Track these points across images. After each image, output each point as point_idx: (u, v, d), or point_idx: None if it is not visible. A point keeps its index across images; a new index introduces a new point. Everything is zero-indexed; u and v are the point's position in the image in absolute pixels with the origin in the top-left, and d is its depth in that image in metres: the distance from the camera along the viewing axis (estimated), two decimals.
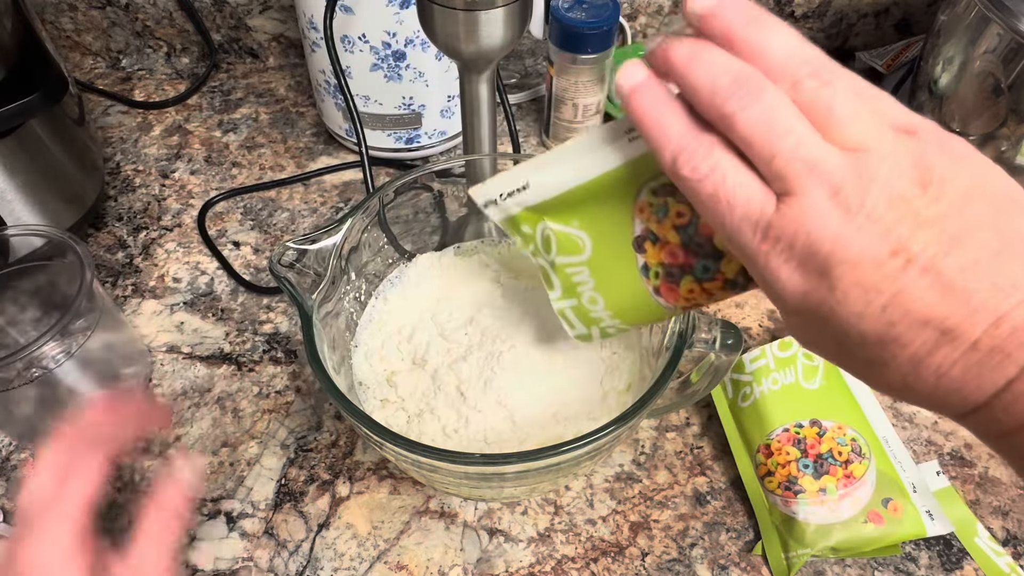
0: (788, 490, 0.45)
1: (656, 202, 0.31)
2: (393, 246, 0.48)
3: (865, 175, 0.23)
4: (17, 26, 0.53)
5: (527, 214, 0.34)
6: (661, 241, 0.32)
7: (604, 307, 0.36)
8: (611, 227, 0.33)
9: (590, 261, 0.35)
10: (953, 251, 0.22)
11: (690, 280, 0.32)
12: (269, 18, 0.75)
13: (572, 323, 0.38)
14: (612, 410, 0.42)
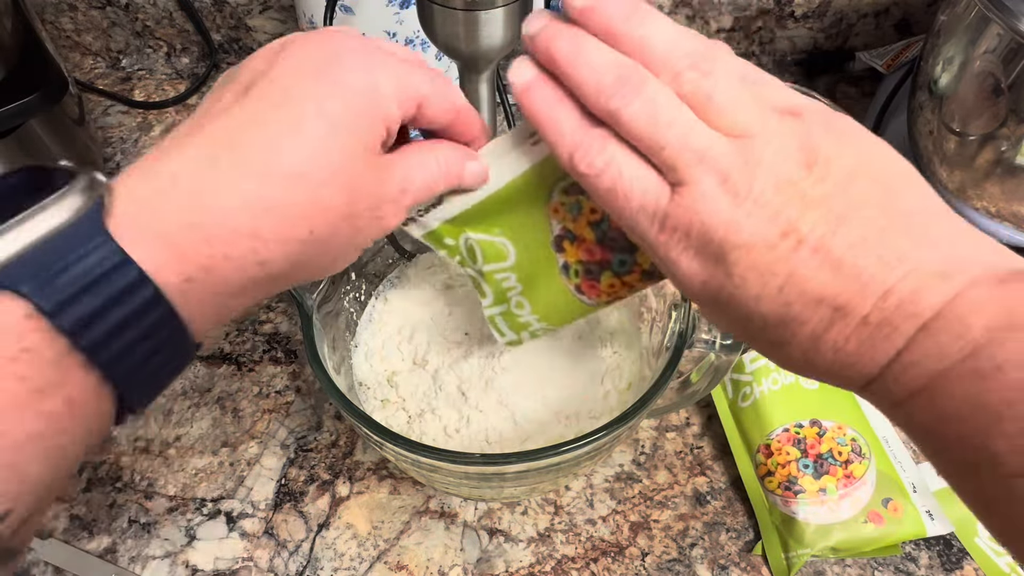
0: (788, 490, 0.45)
1: (568, 201, 0.32)
2: (393, 246, 0.48)
3: (751, 160, 0.23)
4: (17, 26, 0.53)
5: (447, 227, 0.34)
6: (578, 239, 0.32)
7: (531, 311, 0.36)
8: (530, 231, 0.33)
9: (515, 266, 0.35)
10: (840, 229, 0.23)
11: (609, 275, 0.33)
12: (269, 18, 0.75)
13: (502, 330, 0.38)
14: (613, 409, 0.42)
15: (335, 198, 0.24)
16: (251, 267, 0.23)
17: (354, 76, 0.24)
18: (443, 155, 0.29)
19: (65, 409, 0.20)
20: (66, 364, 0.20)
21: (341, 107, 0.24)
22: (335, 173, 0.24)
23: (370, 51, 0.25)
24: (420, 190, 0.28)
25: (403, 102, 0.26)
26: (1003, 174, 0.48)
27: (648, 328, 0.45)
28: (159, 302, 0.21)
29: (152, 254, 0.21)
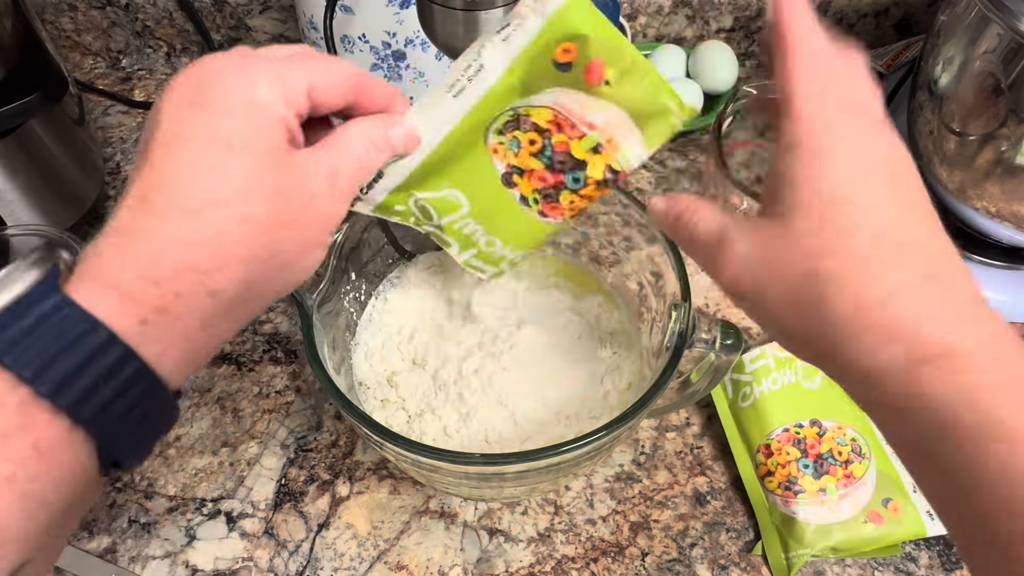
0: (788, 490, 0.45)
1: (506, 139, 0.33)
2: (393, 246, 0.48)
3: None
4: (17, 26, 0.53)
5: (393, 196, 0.35)
6: (526, 172, 0.34)
7: (502, 245, 0.38)
8: (477, 176, 0.34)
9: (472, 213, 0.36)
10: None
11: (567, 193, 0.34)
12: (269, 18, 0.75)
13: (481, 268, 0.40)
14: (614, 408, 0.42)
15: (257, 211, 0.25)
16: (203, 299, 0.24)
17: (230, 94, 0.25)
18: (363, 130, 0.29)
19: (32, 453, 0.21)
20: (30, 410, 0.21)
21: (228, 127, 0.25)
22: (247, 189, 0.24)
23: (240, 64, 0.26)
24: (351, 171, 0.28)
25: (290, 98, 0.26)
26: (1003, 174, 0.48)
27: (648, 328, 0.45)
28: (113, 342, 0.22)
29: (105, 303, 0.22)
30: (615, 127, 0.32)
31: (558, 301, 0.47)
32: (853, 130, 0.25)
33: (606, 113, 0.32)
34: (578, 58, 0.30)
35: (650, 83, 0.31)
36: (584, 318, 0.46)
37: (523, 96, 0.32)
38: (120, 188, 0.66)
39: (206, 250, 0.24)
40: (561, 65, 0.31)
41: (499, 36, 0.30)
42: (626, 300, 0.48)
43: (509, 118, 0.32)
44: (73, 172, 0.59)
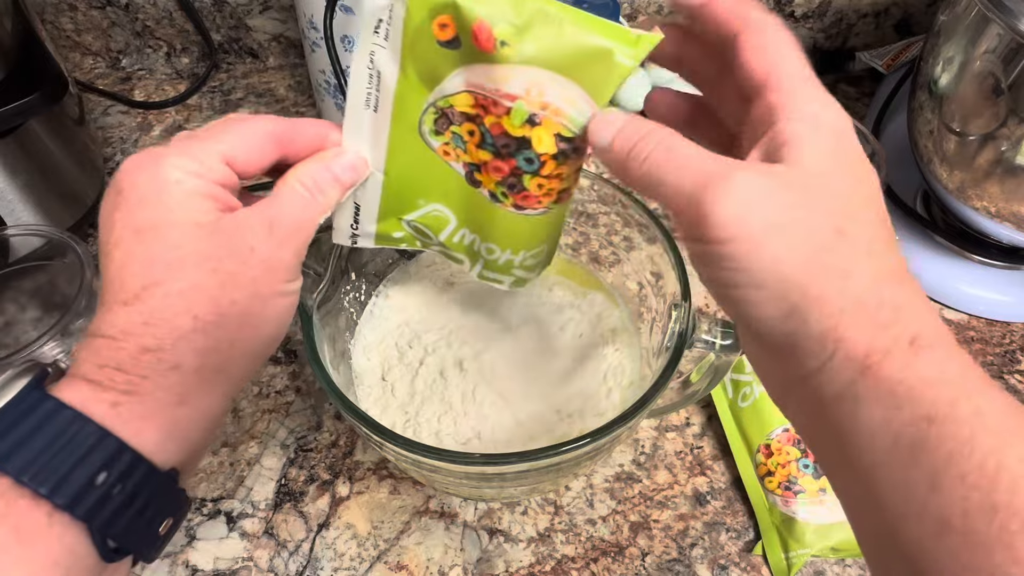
0: (788, 490, 0.45)
1: (447, 138, 0.31)
2: None
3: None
4: (17, 26, 0.53)
5: (384, 225, 0.34)
6: (481, 165, 0.31)
7: (501, 250, 0.35)
8: (445, 183, 0.32)
9: (461, 222, 0.34)
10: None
11: (529, 177, 0.30)
12: (269, 18, 0.75)
13: (496, 279, 0.37)
14: (617, 406, 0.42)
15: (191, 279, 0.26)
16: (168, 374, 0.25)
17: (139, 187, 0.26)
18: (300, 175, 0.29)
19: (13, 537, 0.22)
20: (9, 497, 0.22)
21: (144, 216, 0.26)
22: (176, 263, 0.25)
23: (147, 158, 0.27)
24: (292, 216, 0.28)
25: (202, 171, 0.27)
26: (1003, 174, 0.48)
27: (648, 328, 0.45)
28: (84, 422, 0.24)
29: (79, 393, 0.24)
30: (544, 90, 0.27)
31: (559, 299, 0.47)
32: (831, 104, 0.25)
33: (524, 77, 0.27)
34: (459, 29, 0.27)
35: (568, 27, 0.26)
36: (586, 316, 0.46)
37: (431, 89, 0.29)
38: None
39: (155, 329, 0.25)
40: (446, 43, 0.27)
41: (379, 35, 0.28)
42: (626, 300, 0.48)
43: (435, 115, 0.30)
44: (73, 172, 0.59)
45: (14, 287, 0.50)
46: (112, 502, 0.24)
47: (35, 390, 0.25)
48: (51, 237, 0.47)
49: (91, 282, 0.44)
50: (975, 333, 0.57)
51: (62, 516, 0.23)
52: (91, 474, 0.23)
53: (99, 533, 0.24)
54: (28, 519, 0.22)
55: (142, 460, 0.25)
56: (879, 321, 0.22)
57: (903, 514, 0.21)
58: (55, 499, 0.23)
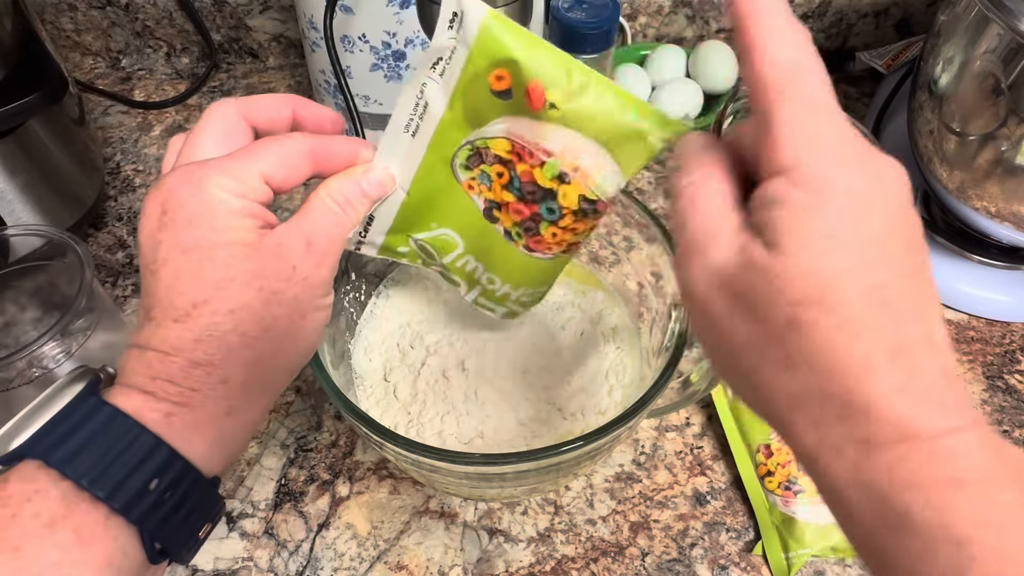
0: (788, 490, 0.45)
1: (475, 174, 0.32)
2: None
3: None
4: (17, 26, 0.53)
5: (392, 238, 0.35)
6: (503, 205, 0.33)
7: (502, 282, 0.37)
8: (461, 212, 0.34)
9: (468, 249, 0.35)
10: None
11: (547, 225, 0.33)
12: (269, 18, 0.75)
13: (491, 308, 0.39)
14: (618, 405, 0.42)
15: (239, 298, 0.27)
16: (217, 388, 0.27)
17: (186, 206, 0.27)
18: (331, 190, 0.30)
19: (75, 538, 0.23)
20: (71, 500, 0.24)
21: (191, 236, 0.27)
22: (224, 282, 0.26)
23: (190, 176, 0.27)
24: (327, 233, 0.29)
25: (243, 191, 0.27)
26: (1003, 174, 0.48)
27: (648, 328, 0.45)
28: (140, 430, 0.25)
29: (132, 401, 0.26)
30: (579, 154, 0.29)
31: (560, 298, 0.47)
32: (849, 164, 0.22)
33: (563, 139, 0.29)
34: (514, 84, 0.28)
35: (611, 103, 0.28)
36: (586, 314, 0.46)
37: (472, 129, 0.31)
38: (120, 188, 0.67)
39: (206, 345, 0.26)
40: (499, 93, 0.29)
41: (436, 71, 0.30)
42: (626, 300, 0.48)
43: (470, 152, 0.31)
44: (73, 172, 0.59)
45: (14, 287, 0.50)
46: (163, 507, 0.25)
47: (92, 396, 0.26)
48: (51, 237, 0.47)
49: (91, 282, 0.44)
50: (975, 333, 0.57)
51: (117, 519, 0.24)
52: (145, 480, 0.25)
53: (149, 536, 0.25)
54: (87, 521, 0.24)
55: (191, 468, 0.26)
56: (825, 418, 0.21)
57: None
58: (112, 503, 0.24)
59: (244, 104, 0.30)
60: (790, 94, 0.22)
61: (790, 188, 0.21)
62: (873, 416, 0.20)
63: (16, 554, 0.22)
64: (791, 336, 0.21)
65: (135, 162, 0.69)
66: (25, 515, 0.23)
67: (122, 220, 0.64)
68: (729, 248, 0.23)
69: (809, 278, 0.21)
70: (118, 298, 0.58)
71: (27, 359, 0.42)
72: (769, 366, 0.22)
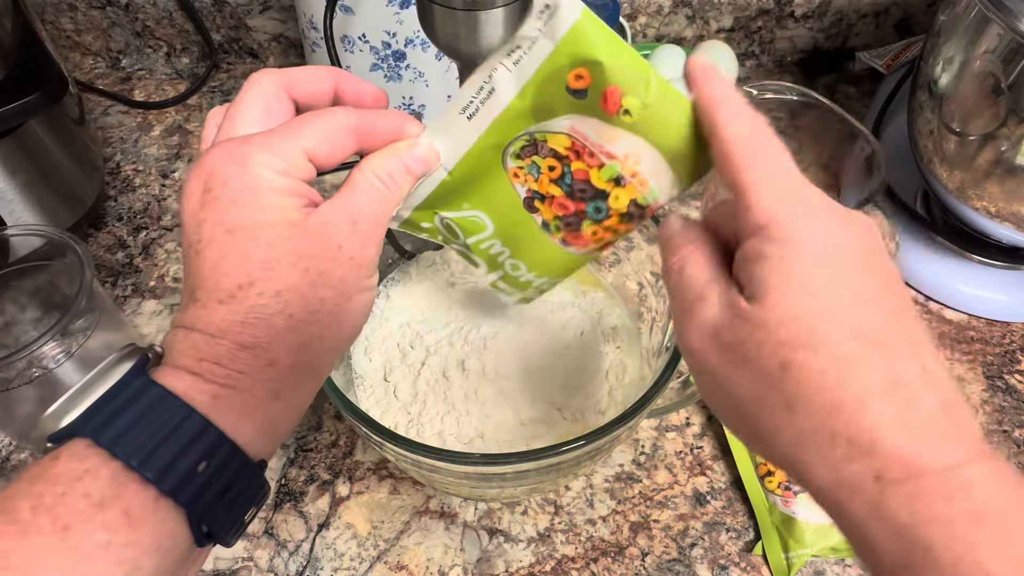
0: (788, 490, 0.45)
1: (525, 164, 0.32)
2: (393, 246, 0.48)
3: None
4: (17, 26, 0.53)
5: (419, 213, 0.34)
6: (547, 197, 0.33)
7: (527, 270, 0.37)
8: (499, 198, 0.34)
9: (496, 234, 0.35)
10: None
11: (589, 223, 0.33)
12: (269, 18, 0.75)
13: (507, 291, 0.39)
14: (618, 404, 0.42)
15: (286, 280, 0.26)
16: (264, 371, 0.26)
17: (230, 184, 0.26)
18: (376, 167, 0.29)
19: (124, 520, 0.23)
20: (120, 480, 0.23)
21: (236, 216, 0.26)
22: (271, 264, 0.26)
23: (233, 153, 0.27)
24: (372, 211, 0.29)
25: (287, 168, 0.27)
26: (1003, 174, 0.48)
27: (648, 328, 0.45)
28: (189, 411, 0.25)
29: (180, 381, 0.25)
30: (641, 161, 0.30)
31: (560, 298, 0.47)
32: (818, 216, 0.24)
33: (629, 144, 0.30)
34: (593, 85, 0.29)
35: (682, 117, 0.29)
36: (586, 314, 0.46)
37: (537, 121, 0.31)
38: (120, 188, 0.67)
39: (253, 328, 0.26)
40: (575, 91, 0.29)
41: (510, 59, 0.29)
42: (626, 300, 0.48)
43: (526, 142, 0.31)
44: (73, 172, 0.59)
45: (14, 287, 0.50)
46: (211, 491, 0.25)
47: (141, 375, 0.25)
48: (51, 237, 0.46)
49: (91, 282, 0.44)
50: (975, 333, 0.57)
51: (166, 502, 0.24)
52: (194, 462, 0.24)
53: (196, 519, 0.24)
54: (136, 503, 0.23)
55: (239, 451, 0.26)
56: (834, 456, 0.22)
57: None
58: (161, 485, 0.23)
59: (285, 76, 0.29)
60: (756, 162, 0.25)
61: (766, 243, 0.23)
62: (879, 452, 0.21)
63: (66, 534, 0.22)
64: (786, 379, 0.22)
65: (135, 162, 0.69)
66: (75, 494, 0.23)
67: (122, 220, 0.64)
68: (717, 306, 0.25)
69: (793, 322, 0.22)
70: (118, 298, 0.58)
71: (27, 359, 0.42)
72: (772, 412, 0.23)
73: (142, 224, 0.64)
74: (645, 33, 0.76)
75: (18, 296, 0.51)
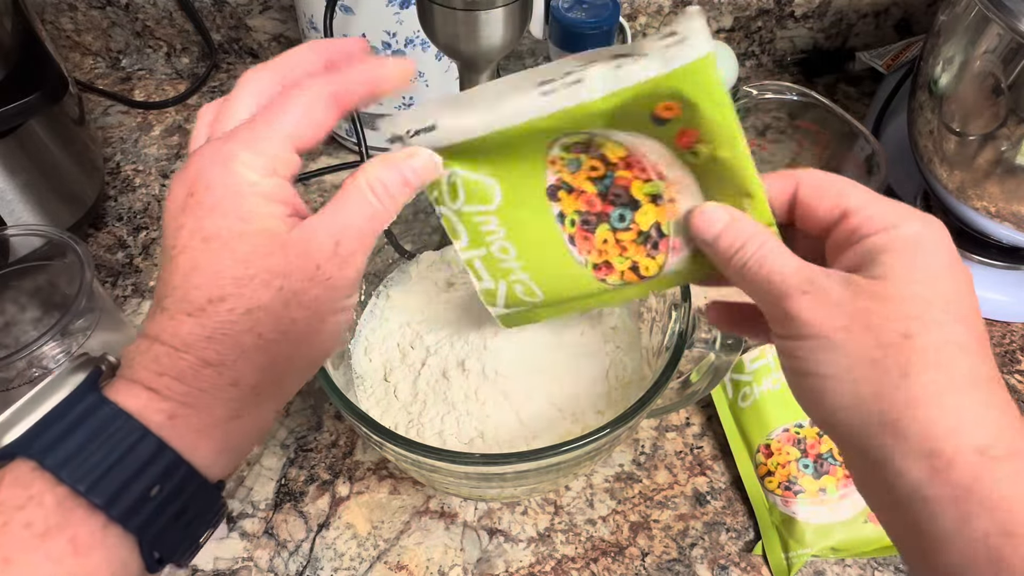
0: (788, 490, 0.45)
1: (568, 157, 0.32)
2: (393, 246, 0.48)
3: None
4: (17, 26, 0.53)
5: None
6: (576, 190, 0.33)
7: (516, 256, 0.35)
8: (522, 175, 0.33)
9: (500, 210, 0.34)
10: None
11: (606, 228, 0.33)
12: (269, 18, 0.75)
13: (479, 274, 0.37)
14: (618, 404, 0.42)
15: (258, 297, 0.25)
16: (227, 390, 0.25)
17: (212, 188, 0.25)
18: (370, 180, 0.28)
19: (70, 548, 0.22)
20: (67, 506, 0.22)
21: (215, 224, 0.25)
22: (244, 279, 0.25)
23: (216, 154, 0.25)
24: (359, 230, 0.27)
25: (273, 167, 0.26)
26: (1003, 174, 0.48)
27: (648, 328, 0.45)
28: (143, 432, 0.23)
29: (135, 399, 0.24)
30: (682, 192, 0.31)
31: None
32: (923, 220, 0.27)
33: (680, 175, 0.31)
34: (676, 120, 0.29)
35: (738, 177, 0.30)
36: (586, 314, 0.46)
37: (606, 127, 0.30)
38: (120, 188, 0.67)
39: (219, 344, 0.25)
40: (657, 119, 0.29)
41: (613, 63, 0.29)
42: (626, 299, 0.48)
43: (582, 140, 0.31)
44: (73, 172, 0.59)
45: (14, 287, 0.50)
46: (164, 515, 0.24)
47: (92, 392, 0.24)
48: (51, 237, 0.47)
49: (91, 282, 0.44)
50: None
51: (116, 528, 0.23)
52: (147, 487, 0.23)
53: (148, 545, 0.24)
54: (83, 531, 0.22)
55: (195, 474, 0.25)
56: (940, 425, 0.23)
57: None
58: (111, 512, 0.23)
59: (278, 67, 0.28)
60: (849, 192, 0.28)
61: (894, 239, 0.26)
62: (986, 428, 0.23)
63: (6, 567, 0.21)
64: (906, 346, 0.24)
65: (135, 162, 0.69)
66: (16, 524, 0.21)
67: (122, 220, 0.64)
68: (834, 284, 0.26)
69: (915, 300, 0.25)
70: (118, 298, 0.58)
71: (27, 359, 0.42)
72: (885, 375, 0.24)
73: (142, 224, 0.64)
74: (645, 33, 0.76)
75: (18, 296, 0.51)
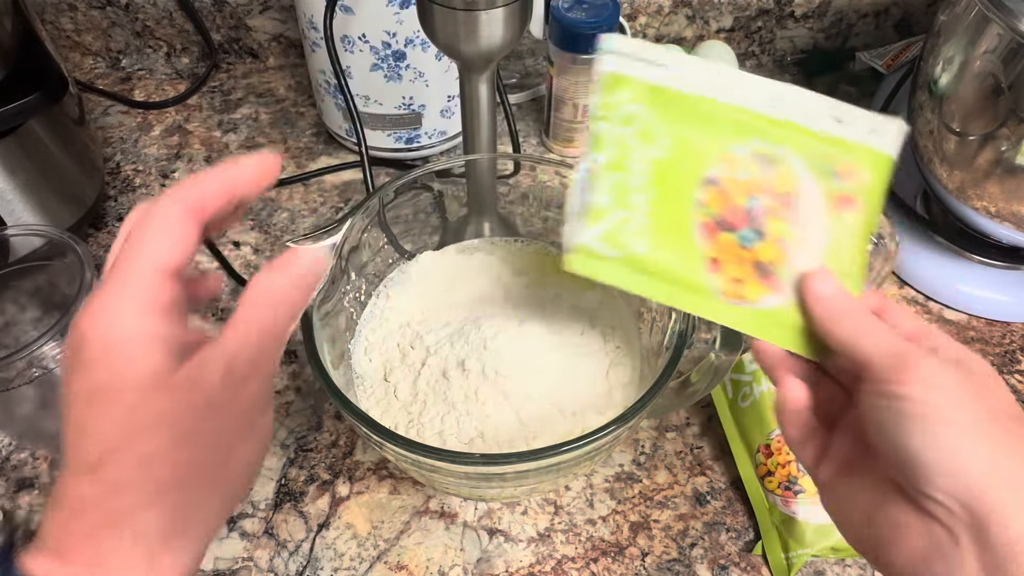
0: (788, 490, 0.45)
1: (743, 162, 0.33)
2: (393, 246, 0.48)
3: None
4: (17, 26, 0.53)
5: (638, 85, 0.33)
6: (728, 193, 0.33)
7: (647, 201, 0.34)
8: (695, 152, 0.33)
9: (657, 161, 0.34)
10: None
11: (729, 236, 0.33)
12: (269, 18, 0.75)
13: (602, 190, 0.34)
14: (618, 404, 0.42)
15: (150, 444, 0.24)
16: (135, 546, 0.24)
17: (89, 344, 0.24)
18: (263, 287, 0.27)
19: None
20: None
21: (95, 379, 0.24)
22: (133, 429, 0.24)
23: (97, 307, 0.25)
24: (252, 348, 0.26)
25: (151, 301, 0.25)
26: (1003, 174, 0.48)
27: (648, 328, 0.45)
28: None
29: (44, 566, 0.24)
30: (803, 248, 0.33)
31: (559, 297, 0.47)
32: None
33: (816, 234, 0.33)
34: (849, 184, 0.33)
35: (855, 251, 0.33)
36: (586, 313, 0.46)
37: (800, 157, 0.33)
38: (120, 188, 0.67)
39: (118, 500, 0.24)
40: (839, 199, 0.33)
41: (838, 121, 0.33)
42: (626, 299, 0.48)
43: (770, 153, 0.33)
44: (73, 172, 0.59)
45: (14, 287, 0.50)
46: None
47: (3, 562, 0.24)
48: (51, 237, 0.46)
49: (91, 282, 0.44)
50: (975, 333, 0.57)
51: None
52: None
53: None
54: None
55: None
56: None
57: None
58: None
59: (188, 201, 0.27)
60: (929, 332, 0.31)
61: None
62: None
63: None
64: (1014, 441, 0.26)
65: (135, 162, 0.69)
66: None
67: (122, 220, 0.64)
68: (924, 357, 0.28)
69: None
70: None
71: (27, 359, 0.42)
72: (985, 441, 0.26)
73: None
74: (645, 33, 0.76)
75: (18, 296, 0.51)
